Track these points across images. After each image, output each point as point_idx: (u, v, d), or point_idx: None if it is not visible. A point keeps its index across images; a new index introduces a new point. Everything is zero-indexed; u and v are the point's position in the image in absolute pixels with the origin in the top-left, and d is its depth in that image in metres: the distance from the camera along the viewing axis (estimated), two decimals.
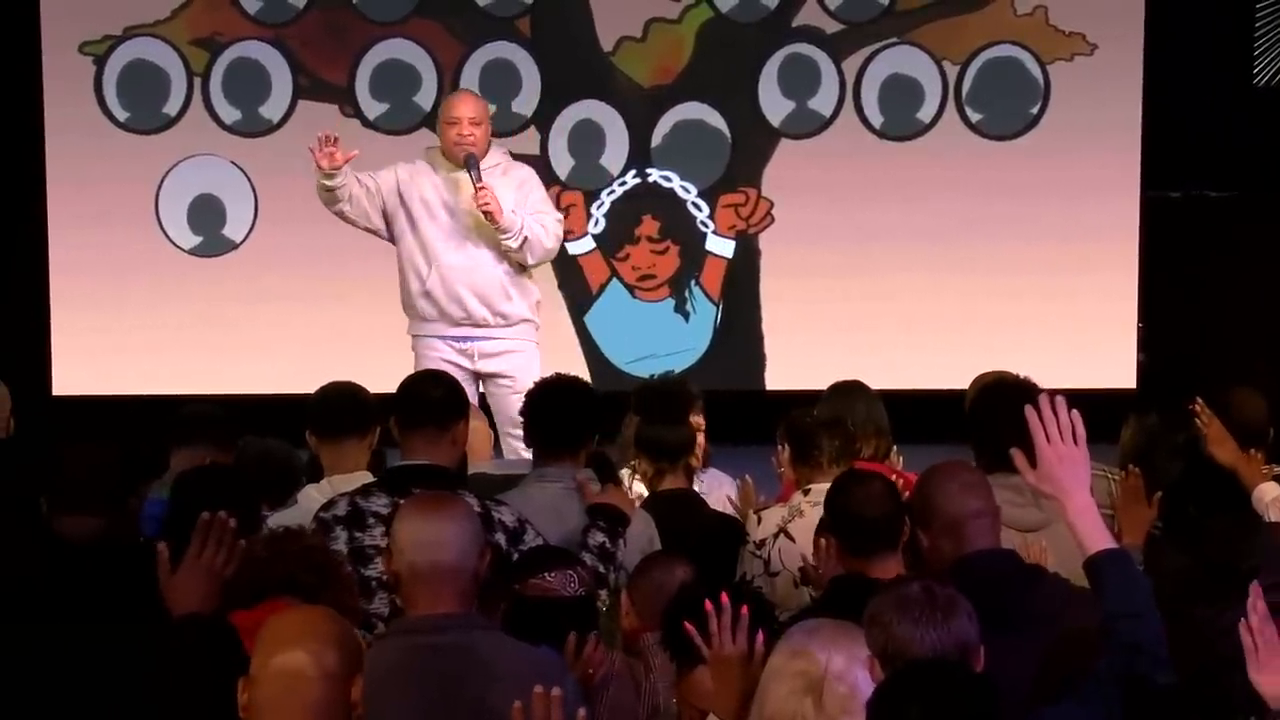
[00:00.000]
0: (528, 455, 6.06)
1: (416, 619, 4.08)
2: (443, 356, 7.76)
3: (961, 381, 6.80)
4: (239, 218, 10.06)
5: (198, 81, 10.01)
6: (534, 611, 4.42)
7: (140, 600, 4.00)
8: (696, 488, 6.18)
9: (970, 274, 9.98)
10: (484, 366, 7.87)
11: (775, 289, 10.08)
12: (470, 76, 10.01)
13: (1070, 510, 3.87)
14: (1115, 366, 9.98)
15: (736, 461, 6.86)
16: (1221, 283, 10.30)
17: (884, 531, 4.66)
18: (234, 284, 10.02)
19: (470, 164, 7.70)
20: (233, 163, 10.04)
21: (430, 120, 10.00)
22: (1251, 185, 10.46)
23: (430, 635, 4.02)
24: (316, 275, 9.95)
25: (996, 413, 5.17)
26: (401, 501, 4.47)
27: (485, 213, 7.65)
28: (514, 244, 7.75)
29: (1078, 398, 4.00)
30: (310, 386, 5.85)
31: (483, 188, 7.65)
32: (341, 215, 7.83)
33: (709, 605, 3.93)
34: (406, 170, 7.90)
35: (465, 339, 7.86)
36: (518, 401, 6.20)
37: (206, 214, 10.06)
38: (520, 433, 6.01)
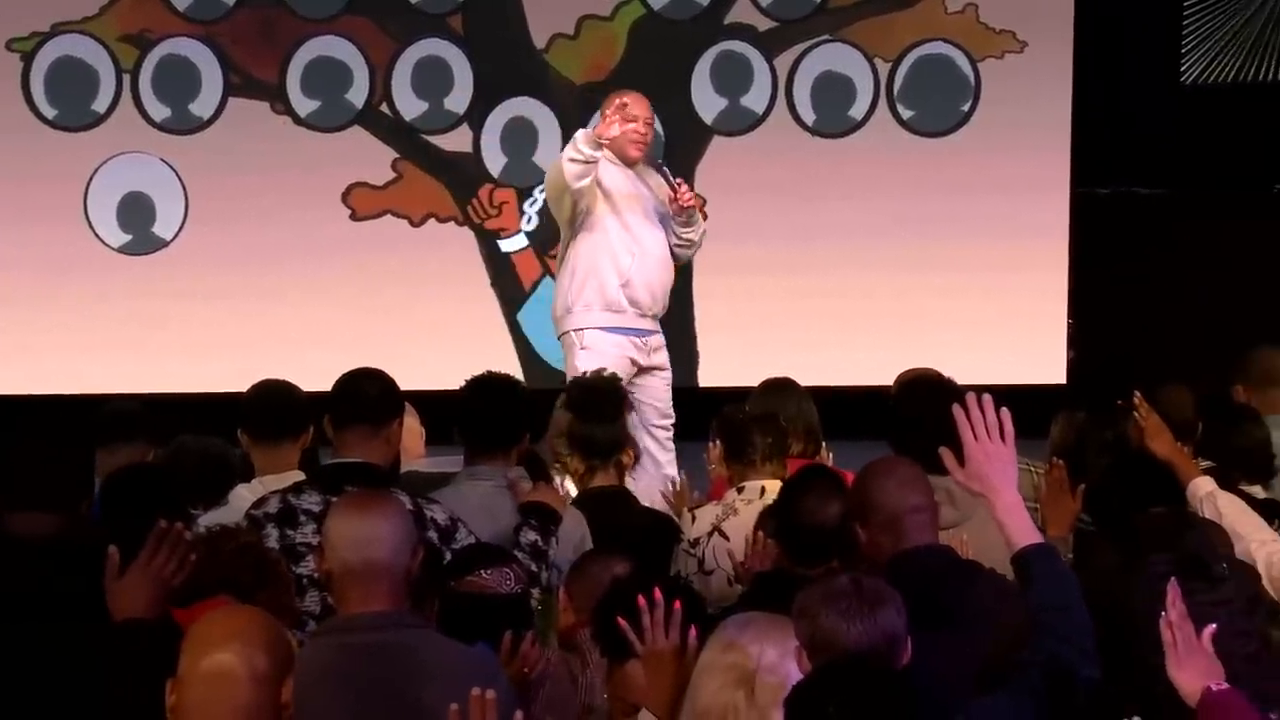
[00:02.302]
0: (671, 451, 5.96)
1: (348, 617, 4.06)
2: (624, 352, 7.66)
3: (892, 378, 6.83)
4: (169, 216, 10.00)
5: (127, 78, 9.94)
6: (469, 609, 4.41)
7: (99, 599, 3.97)
8: (627, 484, 6.19)
9: (901, 271, 10.02)
10: (651, 360, 7.81)
11: (708, 286, 10.09)
12: (402, 74, 9.99)
13: (998, 507, 3.89)
14: (1045, 363, 10.05)
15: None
16: (1150, 280, 10.38)
17: (830, 546, 4.69)
18: (164, 282, 9.96)
19: (660, 161, 7.76)
20: (163, 160, 9.98)
21: (362, 118, 10.00)
22: (1180, 182, 10.55)
23: (362, 634, 4.00)
24: (248, 273, 9.91)
25: (921, 411, 5.19)
26: (334, 499, 4.46)
27: (686, 208, 7.67)
28: (695, 237, 7.81)
29: (1008, 394, 4.02)
30: (242, 385, 5.82)
31: (682, 182, 7.71)
32: (579, 194, 7.58)
33: (642, 601, 3.93)
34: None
35: (647, 333, 7.77)
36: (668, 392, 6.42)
37: (136, 212, 10.00)
38: (668, 424, 5.89)
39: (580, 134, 7.54)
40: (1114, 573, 4.32)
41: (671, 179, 7.73)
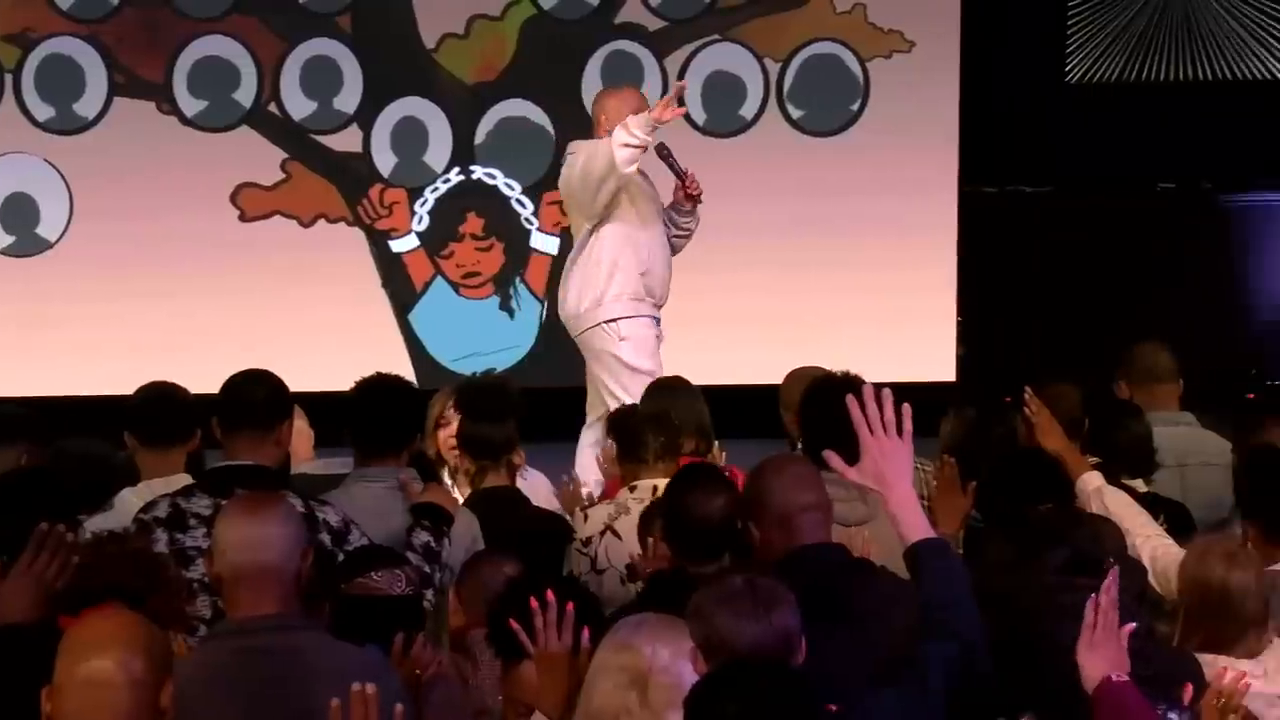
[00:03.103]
0: None
1: (239, 621, 4.03)
2: (653, 335, 7.77)
3: (780, 377, 6.84)
4: (53, 217, 9.88)
5: (9, 78, 9.81)
6: (360, 611, 4.40)
7: None
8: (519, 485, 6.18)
9: (792, 269, 10.06)
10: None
11: None
12: (291, 73, 9.92)
13: (892, 502, 3.90)
14: (935, 360, 10.12)
15: (562, 458, 6.87)
16: (1038, 276, 10.49)
17: (719, 541, 4.69)
18: (49, 284, 9.84)
19: (667, 152, 7.75)
20: (46, 161, 9.86)
21: (251, 118, 9.91)
22: (1066, 180, 10.67)
23: (253, 637, 3.98)
24: (134, 275, 9.81)
25: (822, 408, 5.21)
26: (223, 503, 4.42)
27: (695, 197, 7.75)
28: (693, 227, 7.91)
29: (899, 391, 4.03)
30: (129, 388, 5.75)
31: (690, 171, 7.75)
32: (624, 181, 7.60)
33: (534, 602, 3.93)
34: None
35: (657, 322, 7.86)
36: None
37: (19, 213, 9.87)
38: None
39: (632, 119, 7.54)
40: (1005, 568, 4.35)
41: (680, 168, 7.78)
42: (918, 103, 10.01)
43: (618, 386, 7.60)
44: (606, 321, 7.72)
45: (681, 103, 7.75)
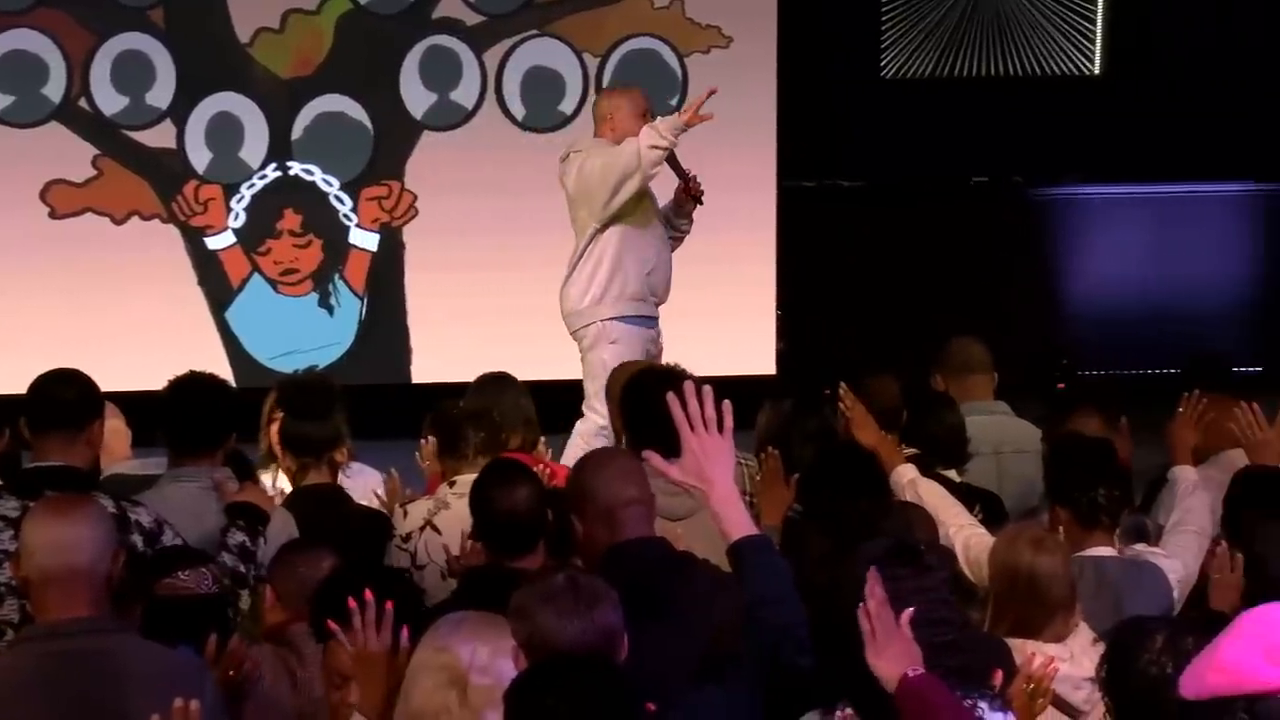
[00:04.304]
0: None
1: (48, 624, 3.98)
2: (644, 344, 7.79)
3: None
4: None
5: None
6: (169, 612, 4.36)
7: None
8: (344, 482, 6.13)
9: None
10: (657, 346, 7.94)
11: (420, 282, 10.04)
12: (102, 68, 9.75)
13: (714, 499, 3.90)
14: (756, 354, 10.19)
15: (384, 455, 6.81)
16: (856, 270, 10.61)
17: (528, 533, 4.68)
18: None
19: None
20: None
21: (60, 114, 9.73)
22: (882, 175, 10.80)
23: (62, 641, 3.93)
24: None
25: (643, 402, 5.22)
26: (32, 505, 4.34)
27: (697, 197, 7.86)
28: (689, 229, 8.02)
29: (721, 385, 4.04)
30: None
31: (694, 174, 7.83)
32: (645, 181, 7.69)
33: (353, 603, 3.89)
34: None
35: (656, 321, 7.92)
36: None
37: None
38: None
39: (661, 123, 7.66)
40: (823, 561, 4.39)
41: (683, 169, 7.87)
42: (736, 98, 10.04)
43: (594, 388, 7.62)
44: (601, 321, 7.83)
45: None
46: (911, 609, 3.63)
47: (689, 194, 7.91)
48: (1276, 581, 4.05)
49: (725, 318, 10.10)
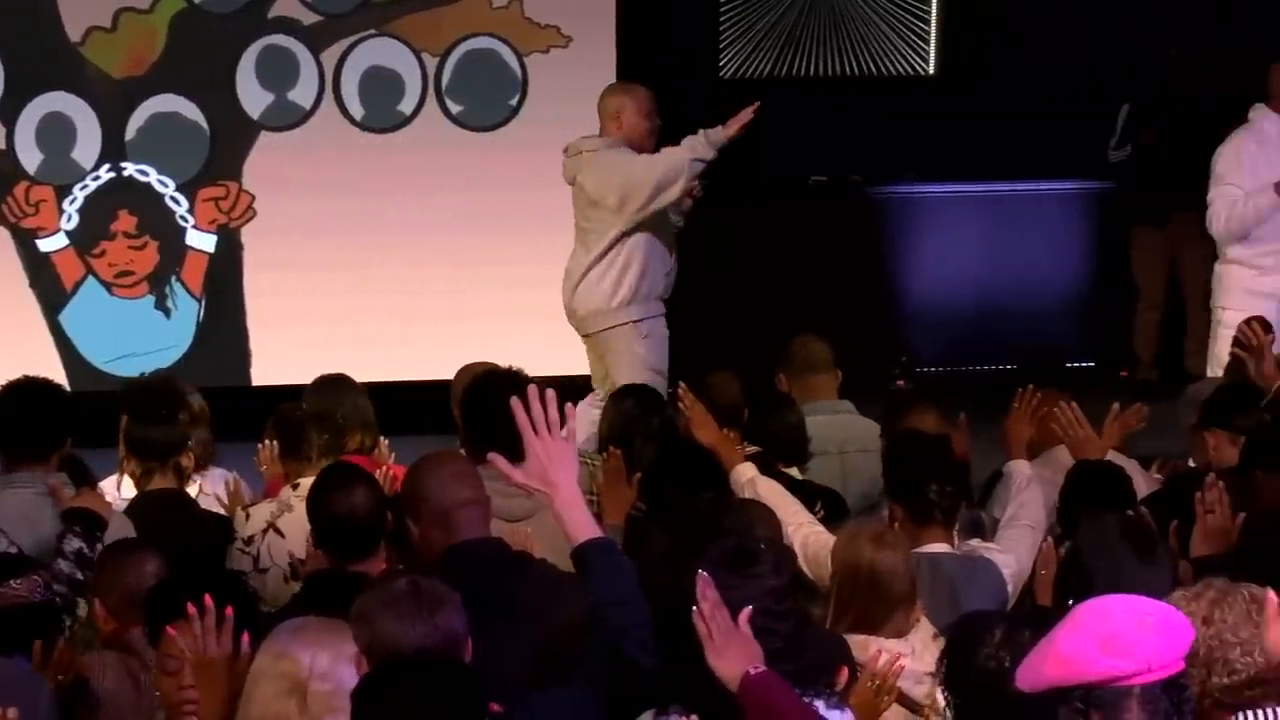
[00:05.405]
0: None
1: None
2: (663, 336, 7.97)
3: (449, 372, 6.84)
4: None
5: None
6: (3, 621, 4.27)
7: None
8: (202, 486, 6.08)
9: (456, 265, 10.04)
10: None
11: (259, 283, 9.94)
12: None
13: (558, 501, 3.90)
14: None
15: (224, 458, 6.76)
16: (698, 269, 10.63)
17: (368, 537, 4.66)
18: None
19: None
20: None
21: None
22: (721, 174, 10.82)
23: None
24: None
25: (486, 405, 5.22)
26: None
27: (695, 196, 8.00)
28: (681, 225, 8.11)
29: (564, 384, 4.05)
30: None
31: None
32: (682, 191, 7.85)
33: (191, 609, 3.85)
34: None
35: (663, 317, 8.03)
36: None
37: None
38: None
39: (708, 135, 7.86)
40: (664, 559, 4.41)
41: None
42: (576, 98, 10.04)
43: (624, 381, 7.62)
44: (634, 321, 7.94)
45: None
46: (750, 608, 3.65)
47: (689, 193, 8.01)
48: (1089, 576, 4.13)
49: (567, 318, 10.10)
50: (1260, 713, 3.64)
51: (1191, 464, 6.47)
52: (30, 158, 9.69)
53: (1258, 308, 7.91)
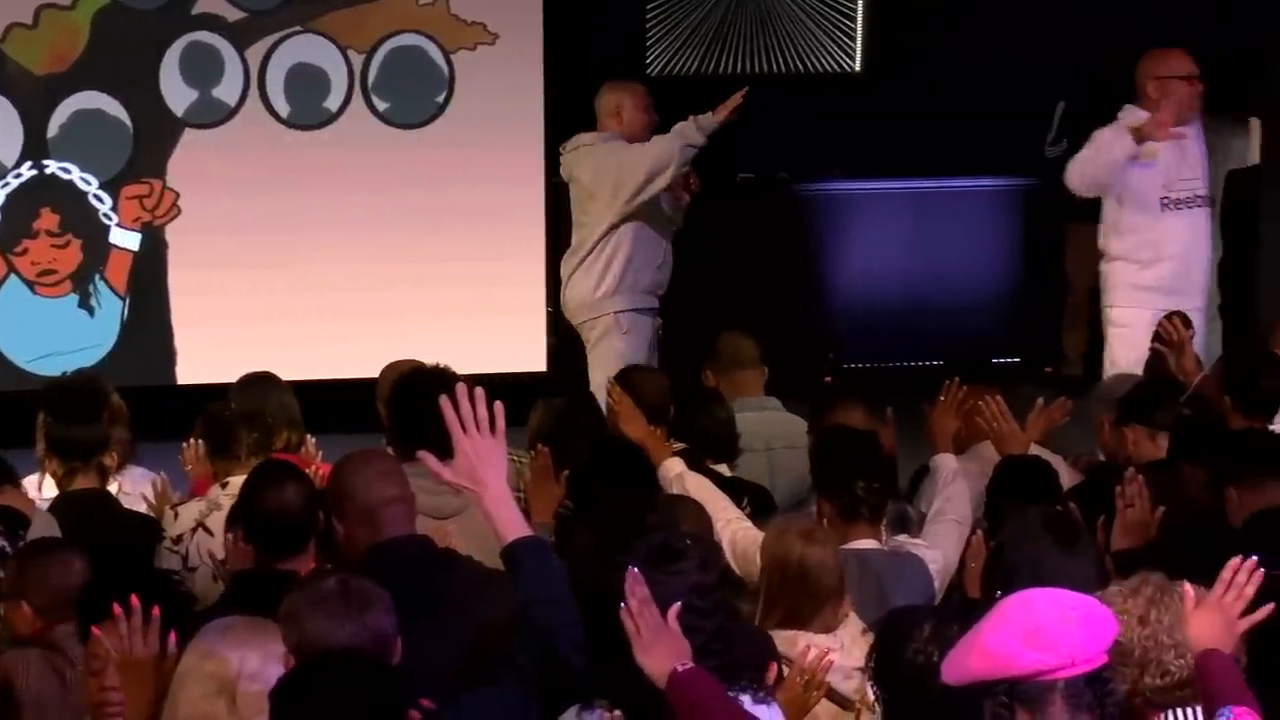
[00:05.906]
0: None
1: None
2: (652, 332, 8.00)
3: (375, 370, 6.82)
4: None
5: None
6: None
7: None
8: (122, 485, 6.04)
9: (382, 262, 10.01)
10: (656, 337, 8.09)
11: (184, 281, 9.88)
12: None
13: (487, 500, 3.89)
14: (527, 350, 10.19)
15: (149, 458, 6.72)
16: None
17: (299, 533, 4.65)
18: None
19: None
20: None
21: None
22: None
23: None
24: None
25: (413, 403, 5.20)
26: None
27: (693, 192, 8.07)
28: (680, 222, 8.13)
29: (493, 382, 4.04)
30: None
31: (691, 170, 7.94)
32: (673, 178, 7.84)
33: (118, 609, 3.83)
34: None
35: (657, 311, 8.10)
36: None
37: None
38: None
39: (699, 122, 7.86)
40: (592, 556, 4.41)
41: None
42: (503, 94, 10.05)
43: (601, 379, 7.59)
44: (615, 313, 7.95)
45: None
46: (678, 605, 3.66)
47: (686, 188, 8.03)
48: (1013, 568, 4.16)
49: (495, 315, 10.10)
50: (1183, 712, 3.68)
51: (1101, 458, 6.53)
52: None
53: (1143, 301, 7.99)
